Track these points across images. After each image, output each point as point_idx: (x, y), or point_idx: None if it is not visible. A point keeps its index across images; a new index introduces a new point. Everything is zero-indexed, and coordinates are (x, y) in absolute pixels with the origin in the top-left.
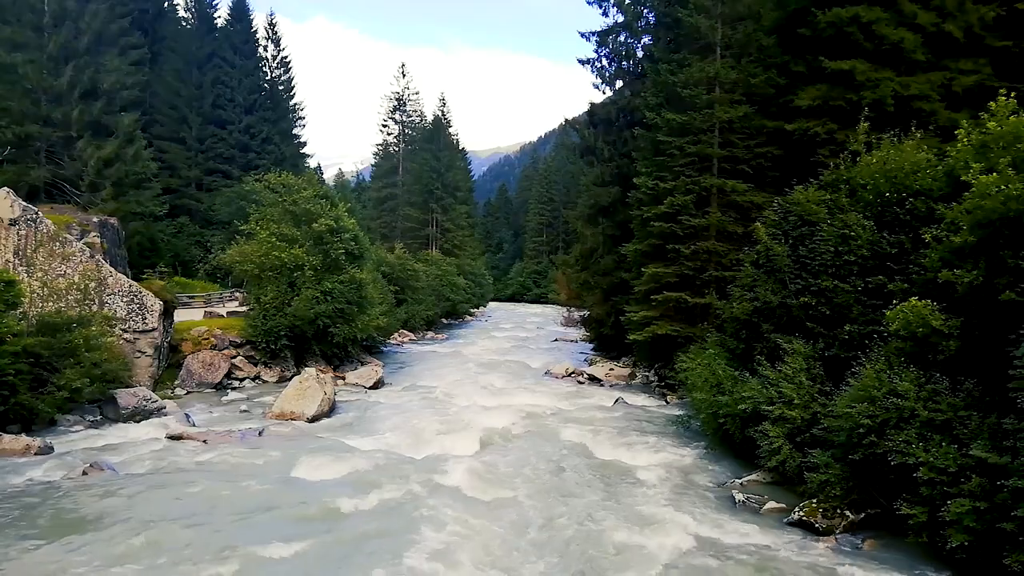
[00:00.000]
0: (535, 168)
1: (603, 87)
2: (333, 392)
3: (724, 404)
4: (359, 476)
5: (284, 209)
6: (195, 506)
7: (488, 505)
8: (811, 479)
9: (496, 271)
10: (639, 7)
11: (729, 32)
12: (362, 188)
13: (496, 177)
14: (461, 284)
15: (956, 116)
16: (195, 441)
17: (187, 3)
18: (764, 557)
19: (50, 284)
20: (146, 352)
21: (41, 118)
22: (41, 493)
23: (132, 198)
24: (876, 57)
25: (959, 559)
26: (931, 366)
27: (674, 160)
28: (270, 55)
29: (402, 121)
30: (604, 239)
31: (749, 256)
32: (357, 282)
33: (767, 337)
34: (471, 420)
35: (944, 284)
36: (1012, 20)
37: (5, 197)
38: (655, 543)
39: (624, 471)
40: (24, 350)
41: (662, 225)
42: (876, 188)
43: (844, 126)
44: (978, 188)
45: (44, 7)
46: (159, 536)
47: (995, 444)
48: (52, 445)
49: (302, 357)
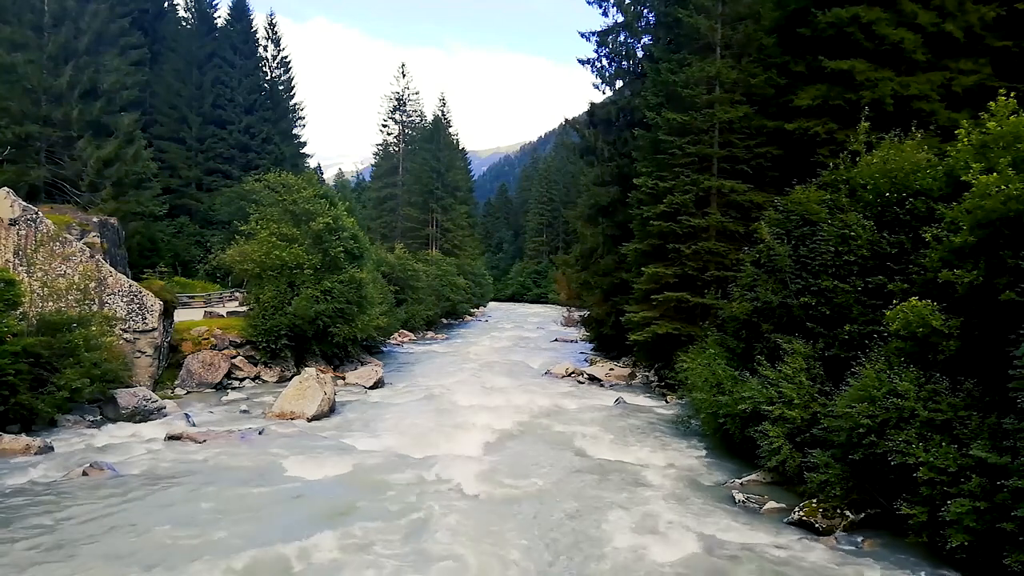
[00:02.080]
0: (535, 168)
1: (603, 87)
2: (333, 392)
3: (724, 404)
4: (359, 476)
5: (284, 209)
6: (195, 506)
7: (488, 505)
8: (811, 479)
9: (496, 271)
10: (639, 7)
11: (729, 32)
12: (362, 188)
13: (496, 177)
14: (461, 284)
15: (956, 116)
16: (195, 441)
17: (187, 3)
18: (764, 557)
19: (50, 284)
20: (146, 352)
21: (41, 118)
22: (41, 493)
23: (132, 198)
24: (876, 57)
25: (959, 559)
26: (931, 366)
27: (674, 160)
28: (270, 55)
29: (402, 121)
30: (604, 239)
31: (750, 256)
32: (357, 282)
33: (767, 337)
34: (471, 420)
35: (944, 284)
36: (1012, 20)
37: (5, 197)
38: (655, 543)
39: (624, 471)
40: (24, 350)
41: (662, 225)
42: (876, 188)
43: (844, 126)
44: (978, 188)
45: (44, 7)
46: (159, 536)
47: (995, 444)
48: (52, 445)
49: (302, 357)
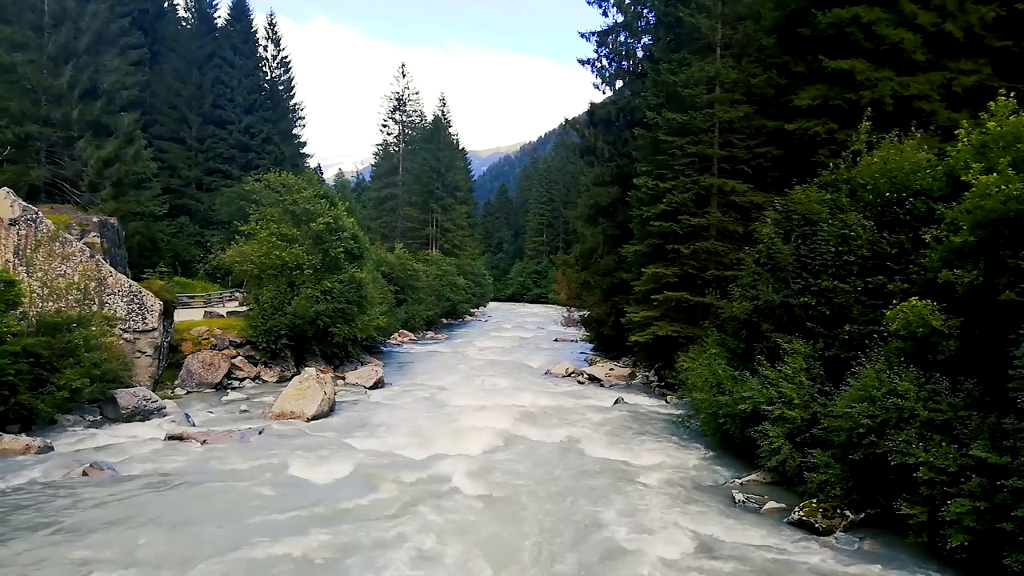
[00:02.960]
0: (535, 168)
1: (603, 87)
2: (333, 392)
3: (724, 404)
4: (359, 476)
5: (284, 209)
6: (195, 506)
7: (488, 505)
8: (811, 479)
9: (496, 271)
10: (639, 7)
11: (729, 32)
12: (362, 188)
13: (496, 177)
14: (461, 284)
15: (956, 116)
16: (195, 441)
17: (187, 3)
18: (764, 557)
19: (50, 284)
20: (146, 352)
21: (41, 118)
22: (41, 493)
23: (132, 198)
24: (876, 57)
25: (959, 559)
26: (931, 366)
27: (674, 160)
28: (270, 55)
29: (402, 121)
30: (604, 239)
31: (751, 255)
32: (357, 282)
33: (767, 337)
34: (471, 420)
35: (944, 284)
36: (1012, 20)
37: (5, 197)
38: (655, 543)
39: (624, 471)
40: (24, 350)
41: (662, 225)
42: (876, 188)
43: (844, 126)
44: (978, 188)
45: (44, 7)
46: (159, 536)
47: (995, 444)
48: (52, 445)
49: (302, 357)
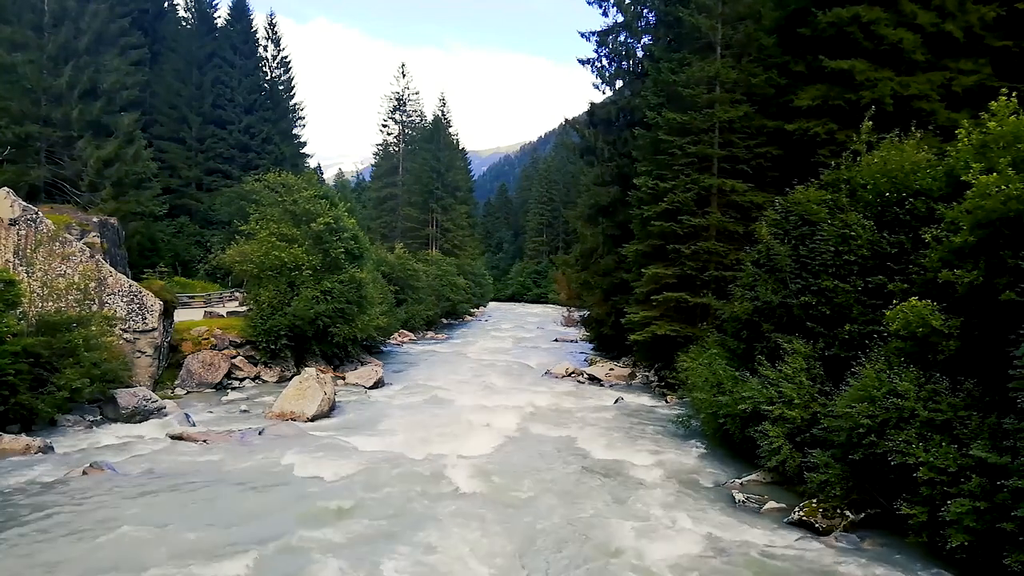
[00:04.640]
0: (535, 168)
1: (603, 87)
2: (333, 392)
3: (724, 404)
4: (359, 476)
5: (284, 209)
6: (195, 506)
7: (488, 505)
8: (811, 479)
9: (496, 271)
10: (639, 7)
11: (729, 32)
12: (362, 188)
13: (496, 177)
14: (461, 284)
15: (956, 116)
16: (195, 441)
17: (187, 3)
18: (764, 557)
19: (50, 284)
20: (146, 352)
21: (41, 118)
22: (41, 493)
23: (132, 198)
24: (876, 57)
25: (959, 559)
26: (931, 366)
27: (674, 160)
28: (270, 55)
29: (402, 121)
30: (604, 239)
31: (750, 256)
32: (357, 282)
33: (767, 337)
34: (471, 420)
35: (944, 284)
36: (1012, 20)
37: (5, 197)
38: (654, 543)
39: (624, 471)
40: (24, 350)
41: (662, 225)
42: (876, 188)
43: (844, 126)
44: (978, 188)
45: (44, 7)
46: (159, 536)
47: (995, 444)
48: (52, 445)
49: (302, 357)
